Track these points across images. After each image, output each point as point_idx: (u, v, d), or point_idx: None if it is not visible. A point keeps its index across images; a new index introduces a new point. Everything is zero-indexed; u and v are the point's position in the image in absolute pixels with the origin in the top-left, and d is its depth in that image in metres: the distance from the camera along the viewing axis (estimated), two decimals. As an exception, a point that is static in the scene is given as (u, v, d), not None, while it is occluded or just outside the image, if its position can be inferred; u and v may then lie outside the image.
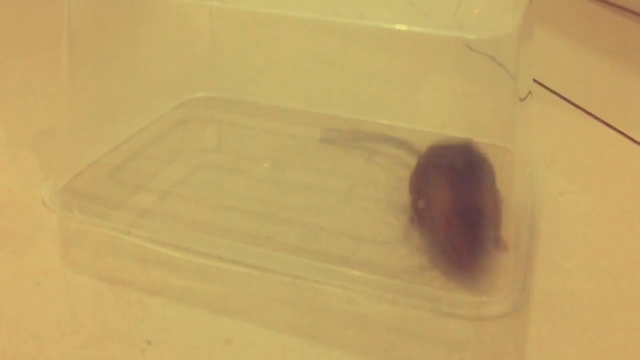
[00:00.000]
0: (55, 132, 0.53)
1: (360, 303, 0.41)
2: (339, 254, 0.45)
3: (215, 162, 0.56)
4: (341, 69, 0.63)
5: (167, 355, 0.37)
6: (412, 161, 0.50)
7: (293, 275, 0.43)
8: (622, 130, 0.60)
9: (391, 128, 0.59)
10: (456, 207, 0.40)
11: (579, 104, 0.64)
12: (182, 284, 0.42)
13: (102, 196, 0.50)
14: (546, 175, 0.54)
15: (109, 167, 0.53)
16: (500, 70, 0.44)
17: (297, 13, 0.42)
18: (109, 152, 0.55)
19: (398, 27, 0.39)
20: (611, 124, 0.61)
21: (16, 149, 0.57)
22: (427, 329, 0.39)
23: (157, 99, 0.63)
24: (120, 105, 0.58)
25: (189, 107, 0.64)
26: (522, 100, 0.44)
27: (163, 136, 0.59)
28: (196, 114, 0.63)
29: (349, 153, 0.56)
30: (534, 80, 0.69)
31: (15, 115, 0.63)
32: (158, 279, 0.42)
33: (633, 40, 0.79)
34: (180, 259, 0.44)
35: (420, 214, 0.44)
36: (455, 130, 0.57)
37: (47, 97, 0.65)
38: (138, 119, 0.59)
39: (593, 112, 0.63)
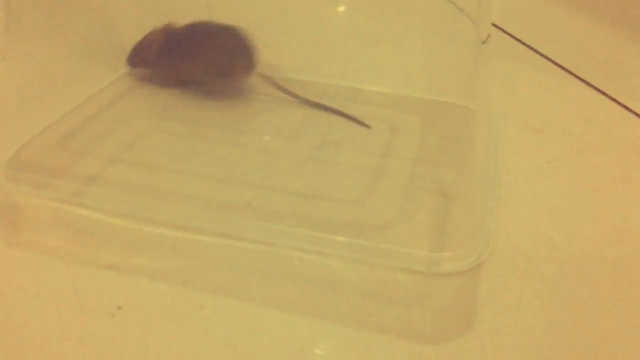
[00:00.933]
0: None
1: (319, 263, 0.40)
2: (294, 213, 0.44)
3: (168, 129, 0.54)
4: (297, 29, 0.61)
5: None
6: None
7: (245, 238, 0.42)
8: (614, 97, 0.59)
9: (353, 90, 0.58)
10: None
11: (571, 69, 0.63)
12: (140, 261, 0.41)
13: (50, 166, 0.48)
14: (536, 143, 0.53)
15: (56, 136, 0.51)
16: (462, 21, 0.43)
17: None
18: (57, 121, 0.53)
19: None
20: (604, 90, 0.60)
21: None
22: (385, 286, 0.38)
23: (105, 66, 0.60)
24: (67, 73, 0.56)
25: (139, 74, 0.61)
26: (483, 42, 0.43)
27: (113, 103, 0.56)
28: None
29: (310, 116, 0.55)
30: (526, 45, 0.67)
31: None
32: (110, 252, 0.41)
33: (628, 5, 0.77)
34: (132, 228, 0.42)
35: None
36: (416, 90, 0.56)
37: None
38: (86, 87, 0.57)
39: (585, 78, 0.61)
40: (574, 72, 0.62)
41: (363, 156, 0.50)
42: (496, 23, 0.70)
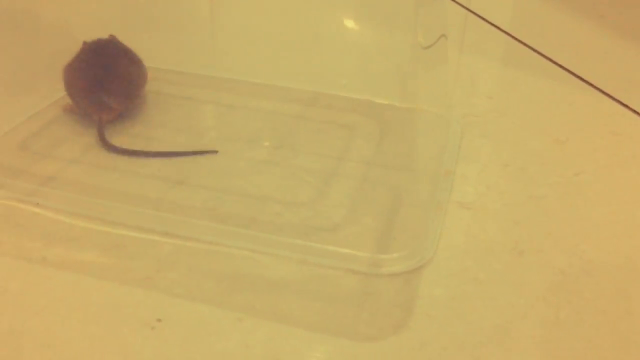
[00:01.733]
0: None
1: (266, 265, 0.41)
2: (244, 215, 0.45)
3: (126, 131, 0.54)
4: (261, 35, 0.62)
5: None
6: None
7: (200, 239, 0.42)
8: (636, 109, 0.59)
9: (315, 95, 0.59)
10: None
11: (594, 82, 0.62)
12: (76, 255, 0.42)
13: (12, 167, 0.48)
14: (561, 155, 0.53)
15: (18, 139, 0.52)
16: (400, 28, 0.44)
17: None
18: (17, 125, 0.54)
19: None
20: (626, 103, 0.59)
21: None
22: (329, 286, 0.39)
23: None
24: (32, 75, 0.57)
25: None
26: (425, 48, 0.44)
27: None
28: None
29: (270, 120, 0.56)
30: (548, 58, 0.67)
31: None
32: (61, 251, 0.42)
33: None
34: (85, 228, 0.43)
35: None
36: (377, 95, 0.57)
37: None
38: (52, 90, 0.58)
39: (608, 91, 0.61)
40: (596, 85, 0.61)
41: (319, 159, 0.51)
42: (518, 37, 0.70)
